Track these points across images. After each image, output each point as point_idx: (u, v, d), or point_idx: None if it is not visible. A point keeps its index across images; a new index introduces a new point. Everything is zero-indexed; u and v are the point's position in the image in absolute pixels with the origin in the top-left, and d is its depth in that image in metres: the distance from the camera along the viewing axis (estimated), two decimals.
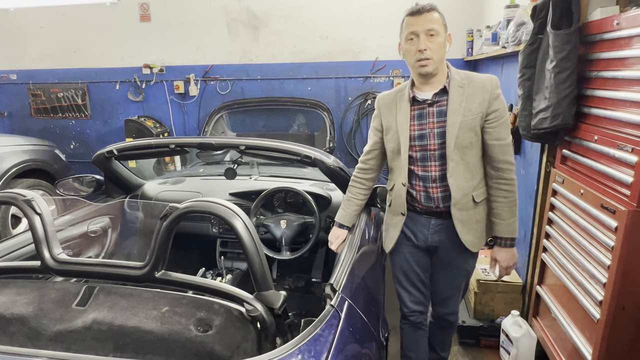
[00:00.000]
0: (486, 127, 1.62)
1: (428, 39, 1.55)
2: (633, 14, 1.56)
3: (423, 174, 1.70)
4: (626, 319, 1.64)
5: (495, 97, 1.61)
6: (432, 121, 1.65)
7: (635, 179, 1.51)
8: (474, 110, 1.60)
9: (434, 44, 1.56)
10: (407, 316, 1.92)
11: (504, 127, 1.64)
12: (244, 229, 1.16)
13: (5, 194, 1.35)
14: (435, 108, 1.65)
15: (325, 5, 4.60)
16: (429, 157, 1.67)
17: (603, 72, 1.76)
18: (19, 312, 1.15)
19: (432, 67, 1.58)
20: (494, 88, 1.62)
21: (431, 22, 1.56)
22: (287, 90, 4.87)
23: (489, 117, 1.61)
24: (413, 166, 1.71)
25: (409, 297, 1.89)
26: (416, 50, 1.57)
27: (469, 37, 4.13)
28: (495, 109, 1.61)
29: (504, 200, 1.67)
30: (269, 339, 1.12)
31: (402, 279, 1.88)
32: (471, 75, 1.66)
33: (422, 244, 1.79)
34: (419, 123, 1.67)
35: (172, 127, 5.16)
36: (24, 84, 5.37)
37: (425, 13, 1.56)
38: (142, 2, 4.92)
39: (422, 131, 1.67)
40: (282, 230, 2.28)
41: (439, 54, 1.58)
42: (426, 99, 1.66)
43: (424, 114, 1.67)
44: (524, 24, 2.43)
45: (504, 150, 1.64)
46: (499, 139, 1.63)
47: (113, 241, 2.25)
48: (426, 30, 1.55)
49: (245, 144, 2.03)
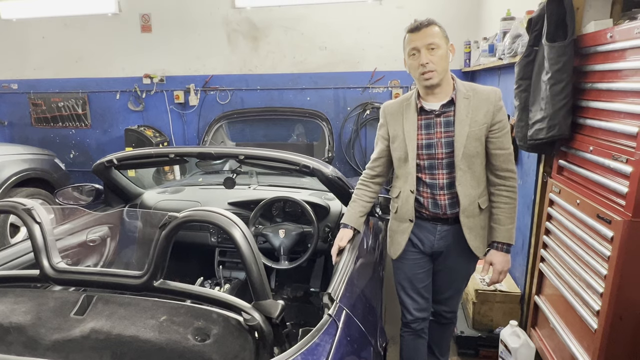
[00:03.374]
0: (490, 137, 1.70)
1: (429, 52, 1.62)
2: (626, 27, 1.59)
3: (431, 181, 1.75)
4: (624, 328, 1.64)
5: (499, 109, 1.70)
6: (439, 131, 1.71)
7: (630, 189, 1.52)
8: (480, 121, 1.68)
9: (435, 57, 1.62)
10: (409, 323, 1.94)
11: (507, 137, 1.72)
12: (242, 238, 1.17)
13: (5, 203, 1.36)
14: (443, 118, 1.71)
15: (324, 16, 4.66)
16: (437, 165, 1.73)
17: (598, 84, 1.79)
18: (17, 321, 1.15)
19: (436, 78, 1.64)
20: (497, 100, 1.70)
21: (431, 37, 1.61)
22: (287, 100, 4.90)
23: (493, 128, 1.69)
24: (420, 174, 1.76)
25: (412, 304, 1.91)
26: (419, 65, 1.63)
27: (467, 49, 4.18)
28: (499, 120, 1.69)
29: (505, 206, 1.74)
30: (267, 349, 1.12)
31: (406, 285, 1.91)
32: (475, 87, 1.73)
33: (428, 249, 1.84)
34: (427, 132, 1.73)
35: (172, 137, 5.19)
36: (25, 93, 5.41)
37: (424, 28, 1.62)
38: (144, 13, 4.98)
39: (429, 140, 1.73)
40: (280, 240, 2.29)
41: (442, 65, 1.64)
42: (433, 109, 1.71)
43: (431, 123, 1.72)
44: (519, 36, 2.46)
45: (507, 159, 1.72)
46: (502, 148, 1.71)
47: (112, 250, 2.25)
48: (426, 45, 1.61)
49: (244, 154, 2.05)
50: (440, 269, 1.89)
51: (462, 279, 1.94)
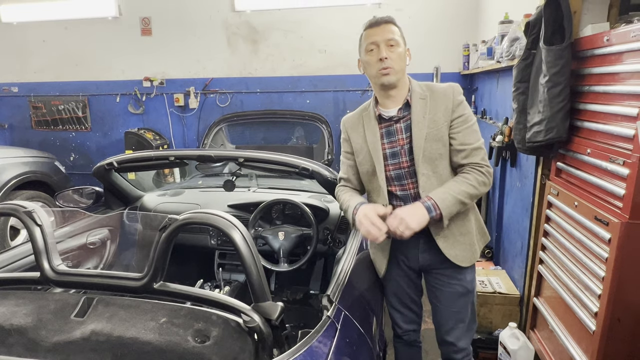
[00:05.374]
0: (451, 133, 1.57)
1: (388, 48, 1.53)
2: (622, 31, 1.60)
3: (402, 193, 1.64)
4: (622, 330, 1.64)
5: (458, 104, 1.58)
6: (401, 137, 1.61)
7: (627, 191, 1.53)
8: (440, 120, 1.56)
9: (394, 54, 1.54)
10: (401, 336, 1.90)
11: (470, 132, 1.57)
12: (242, 240, 1.18)
13: (6, 206, 1.36)
14: (402, 124, 1.61)
15: (324, 19, 4.68)
16: (404, 175, 1.62)
17: (595, 87, 1.80)
18: (17, 323, 1.15)
19: (394, 76, 1.54)
20: (456, 95, 1.59)
21: (391, 33, 1.54)
22: (286, 103, 4.92)
23: (453, 124, 1.57)
24: (390, 187, 1.65)
25: (401, 318, 1.86)
26: (377, 60, 1.54)
27: (465, 52, 4.20)
28: (459, 115, 1.57)
29: (460, 178, 1.55)
30: (267, 350, 1.12)
31: (393, 301, 1.84)
32: (432, 86, 1.63)
33: (415, 265, 1.73)
34: (389, 141, 1.63)
35: (172, 140, 5.20)
36: (25, 96, 5.42)
37: (384, 24, 1.55)
38: (144, 16, 4.99)
39: (393, 149, 1.62)
40: (280, 242, 2.29)
41: (400, 64, 1.55)
42: (392, 115, 1.61)
43: (392, 131, 1.62)
44: (517, 40, 2.48)
45: (470, 154, 1.55)
46: (464, 144, 1.56)
47: (112, 252, 2.26)
48: (386, 40, 1.53)
49: (244, 157, 2.06)
50: (434, 289, 1.75)
51: (462, 298, 1.71)
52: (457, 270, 1.69)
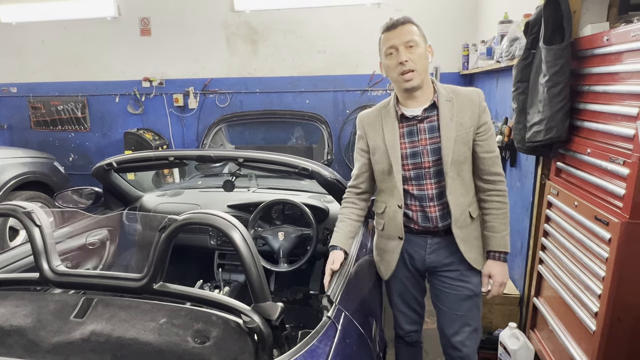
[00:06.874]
0: (477, 140, 1.60)
1: (408, 50, 1.51)
2: (622, 30, 1.60)
3: (419, 193, 1.63)
4: (622, 330, 1.64)
5: (483, 110, 1.60)
6: (424, 138, 1.59)
7: (627, 191, 1.53)
8: (466, 124, 1.57)
9: (414, 55, 1.51)
10: (403, 337, 1.89)
11: (493, 140, 1.63)
12: (241, 240, 1.17)
13: (5, 206, 1.36)
14: (426, 124, 1.59)
15: (323, 19, 4.68)
16: (424, 175, 1.61)
17: (595, 87, 1.80)
18: (17, 324, 1.15)
19: (417, 80, 1.53)
20: (480, 100, 1.60)
21: (409, 34, 1.52)
22: (286, 103, 4.92)
23: (479, 130, 1.59)
24: (407, 186, 1.63)
25: (405, 319, 1.85)
26: (397, 64, 1.52)
27: (465, 52, 4.20)
28: (485, 122, 1.60)
29: (497, 212, 1.64)
30: (266, 351, 1.12)
31: (397, 302, 1.83)
32: (456, 89, 1.63)
33: (420, 265, 1.71)
34: (410, 140, 1.61)
35: (171, 140, 5.19)
36: (25, 96, 5.42)
37: (401, 26, 1.53)
38: (143, 16, 4.99)
39: (414, 149, 1.60)
40: (280, 242, 2.29)
41: (422, 64, 1.53)
42: (415, 115, 1.59)
43: (414, 130, 1.60)
44: (517, 39, 2.48)
45: (494, 162, 1.62)
46: (490, 152, 1.61)
47: (111, 253, 2.25)
48: (405, 42, 1.51)
49: (243, 157, 2.05)
50: (439, 291, 1.73)
51: (468, 301, 1.69)
52: (463, 273, 1.68)
